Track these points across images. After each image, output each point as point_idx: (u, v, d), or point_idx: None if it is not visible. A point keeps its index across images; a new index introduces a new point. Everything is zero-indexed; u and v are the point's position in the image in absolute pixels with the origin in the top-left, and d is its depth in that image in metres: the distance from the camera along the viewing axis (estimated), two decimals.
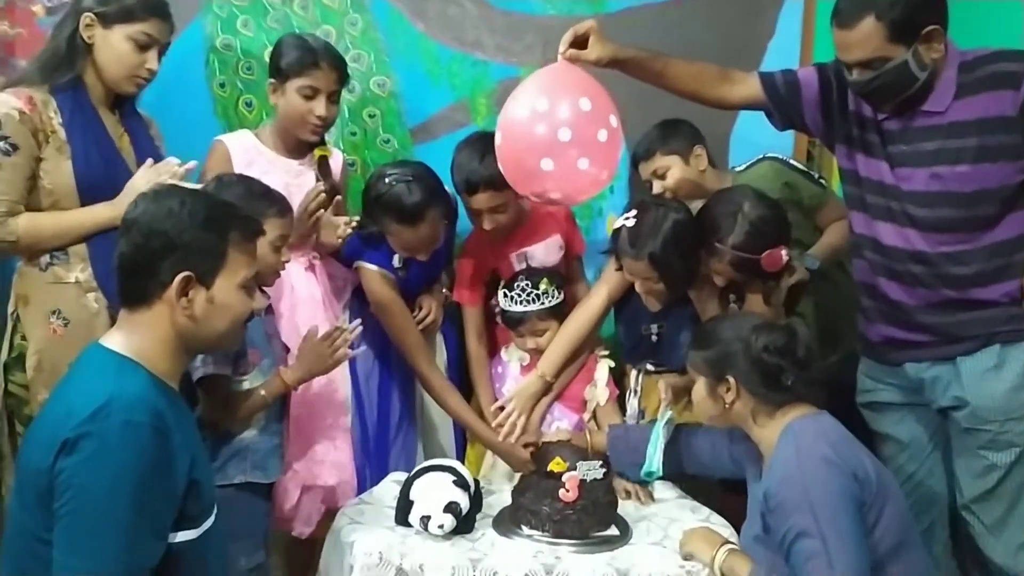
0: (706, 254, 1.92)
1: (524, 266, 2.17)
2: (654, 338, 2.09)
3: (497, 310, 2.15)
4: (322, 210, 2.02)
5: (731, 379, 1.60)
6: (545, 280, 2.08)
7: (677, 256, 1.89)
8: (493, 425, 2.07)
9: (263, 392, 1.74)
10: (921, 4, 1.63)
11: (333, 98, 2.05)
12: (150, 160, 1.80)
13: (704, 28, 2.52)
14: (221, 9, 2.38)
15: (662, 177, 2.15)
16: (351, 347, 1.86)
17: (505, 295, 2.09)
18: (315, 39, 2.08)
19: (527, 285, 2.06)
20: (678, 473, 1.89)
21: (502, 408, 2.08)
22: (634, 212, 1.93)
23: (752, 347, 1.59)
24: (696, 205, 2.02)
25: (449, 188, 2.14)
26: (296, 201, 2.02)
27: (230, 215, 1.36)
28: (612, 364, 2.16)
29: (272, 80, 2.05)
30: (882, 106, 1.74)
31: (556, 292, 2.09)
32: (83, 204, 1.75)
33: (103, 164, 1.77)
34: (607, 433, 1.95)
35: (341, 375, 2.09)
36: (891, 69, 1.64)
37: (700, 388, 1.66)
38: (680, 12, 2.53)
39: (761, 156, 2.27)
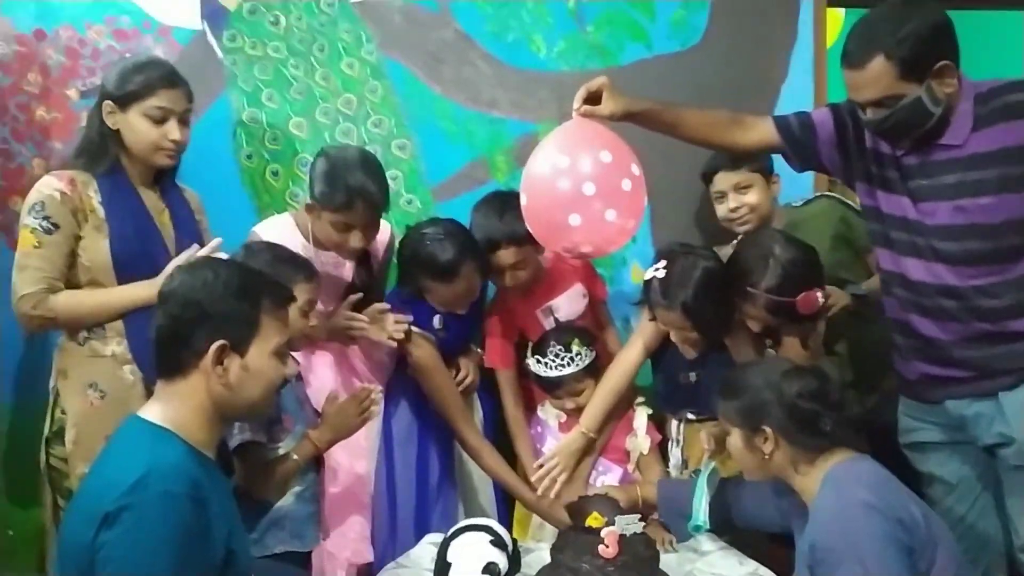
0: (740, 299, 1.90)
1: (551, 320, 2.17)
2: (691, 386, 2.07)
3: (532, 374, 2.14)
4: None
5: (767, 429, 1.57)
6: (576, 341, 2.08)
7: (709, 303, 1.88)
8: (533, 482, 2.06)
9: (295, 456, 1.75)
10: (930, 41, 1.63)
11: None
12: (195, 246, 1.84)
13: (717, 75, 2.55)
14: (246, 83, 2.46)
15: (743, 190, 2.14)
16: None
17: (538, 361, 2.09)
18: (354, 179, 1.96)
19: (560, 349, 2.06)
20: (726, 526, 1.85)
21: (542, 465, 2.07)
22: (663, 263, 1.93)
23: (785, 394, 1.56)
24: (724, 251, 2.02)
25: None
26: (327, 293, 2.02)
27: (262, 283, 1.39)
28: (650, 411, 2.15)
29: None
30: (899, 142, 1.74)
31: (588, 351, 2.09)
32: (119, 279, 1.79)
33: (139, 241, 1.82)
34: (657, 486, 1.93)
35: (369, 445, 2.09)
36: (905, 106, 1.64)
37: (736, 440, 1.63)
38: (692, 60, 2.57)
39: (819, 194, 2.27)
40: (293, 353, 1.81)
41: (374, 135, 2.49)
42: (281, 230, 2.07)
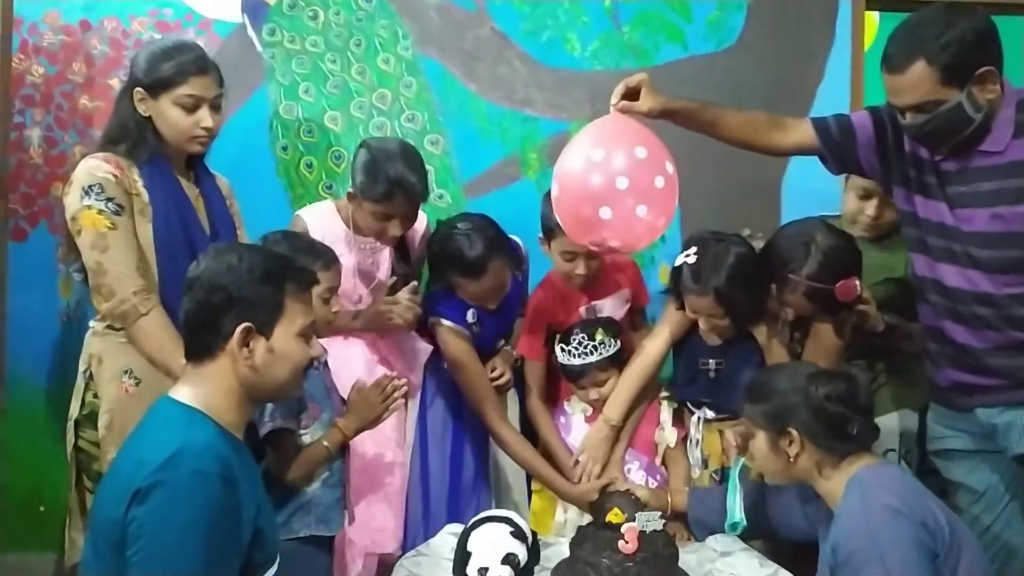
0: (778, 287, 1.90)
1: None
2: (712, 373, 2.06)
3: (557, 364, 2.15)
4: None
5: (794, 431, 1.56)
6: (601, 330, 2.08)
7: (742, 289, 1.89)
8: (573, 480, 2.06)
9: (325, 443, 1.77)
10: (972, 46, 1.61)
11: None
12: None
13: (752, 77, 2.54)
14: (283, 77, 2.50)
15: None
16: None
17: (563, 349, 2.09)
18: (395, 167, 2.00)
19: (584, 338, 2.06)
20: (760, 527, 1.84)
21: (577, 462, 2.08)
22: (694, 249, 1.93)
23: (812, 397, 1.55)
24: (755, 245, 2.01)
25: (515, 237, 2.18)
26: (367, 280, 2.07)
27: (286, 267, 1.41)
28: (675, 405, 2.14)
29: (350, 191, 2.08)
30: (938, 148, 1.72)
31: (613, 341, 2.09)
32: (160, 264, 1.79)
33: (181, 226, 1.83)
34: (688, 494, 1.92)
35: (398, 439, 2.11)
36: (945, 112, 1.63)
37: (761, 443, 1.62)
38: (727, 62, 2.56)
39: None
40: (320, 340, 1.84)
41: (407, 130, 2.52)
42: (324, 215, 2.12)
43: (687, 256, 1.93)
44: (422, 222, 2.23)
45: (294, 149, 2.50)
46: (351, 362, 2.08)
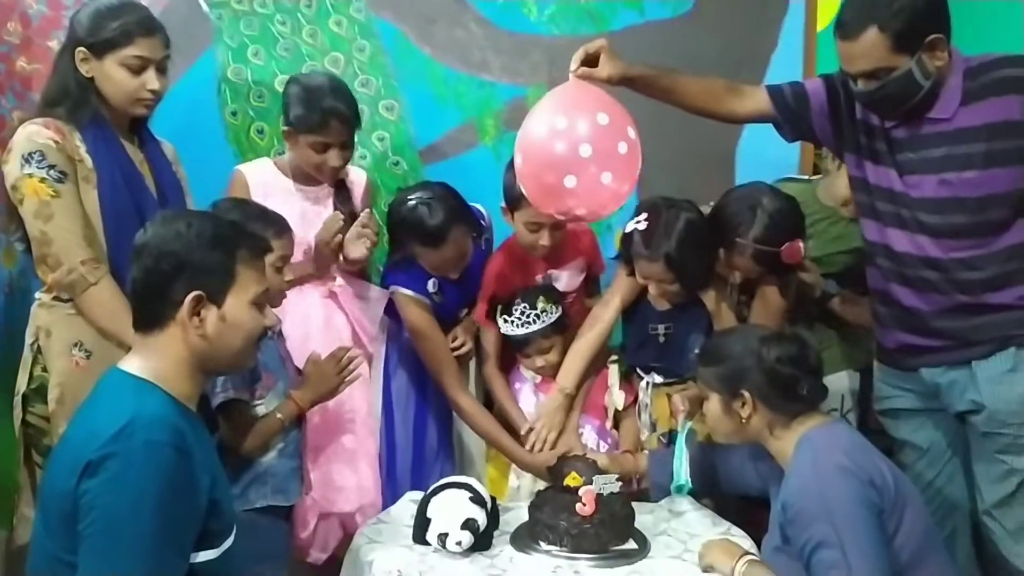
0: (726, 250, 1.94)
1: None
2: (661, 338, 2.10)
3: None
4: (340, 236, 2.04)
5: (746, 393, 1.60)
6: (542, 299, 2.09)
7: (692, 255, 1.92)
8: (527, 447, 2.08)
9: (279, 415, 1.76)
10: (923, 14, 1.63)
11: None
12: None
13: (708, 43, 2.55)
14: (232, 39, 2.43)
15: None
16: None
17: (505, 320, 2.10)
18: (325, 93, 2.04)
19: (525, 307, 2.07)
20: (708, 488, 1.88)
21: (531, 430, 2.09)
22: (645, 215, 1.94)
23: (764, 359, 1.59)
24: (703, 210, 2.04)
25: (477, 206, 2.17)
26: (315, 228, 2.05)
27: (237, 233, 1.38)
28: (625, 368, 2.17)
29: (284, 128, 2.08)
30: (889, 115, 1.75)
31: (554, 308, 2.10)
32: (107, 232, 1.75)
33: (128, 191, 1.78)
34: (647, 456, 1.96)
35: (366, 400, 2.11)
36: (896, 78, 1.65)
37: (714, 405, 1.66)
38: (683, 28, 2.56)
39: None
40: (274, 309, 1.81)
41: (361, 95, 2.47)
42: (264, 169, 2.12)
43: (637, 222, 1.95)
44: (362, 178, 2.23)
45: (244, 114, 2.44)
46: (309, 316, 2.06)
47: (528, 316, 2.07)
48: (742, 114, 1.94)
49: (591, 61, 1.79)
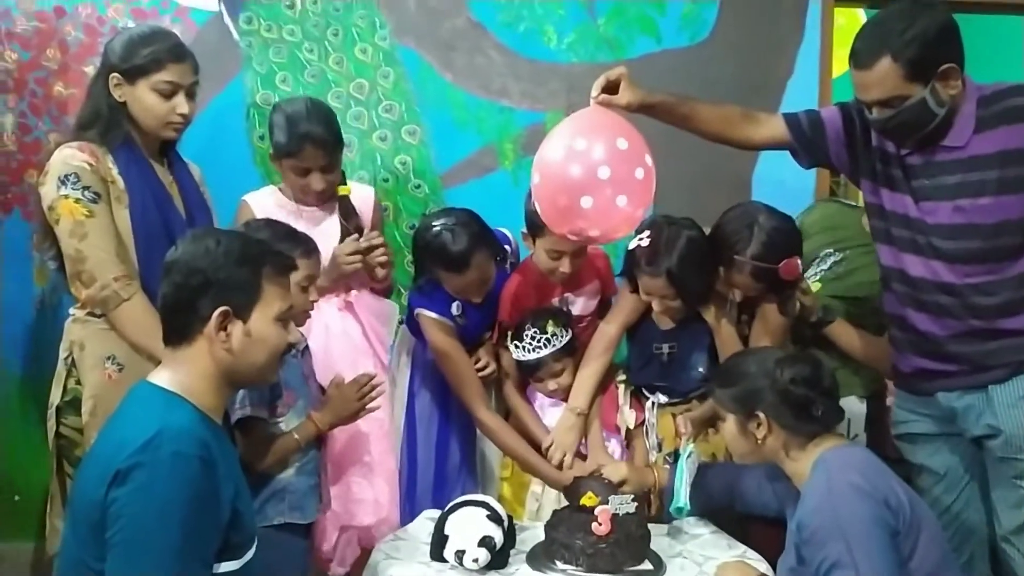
0: (725, 268, 1.96)
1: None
2: (665, 357, 2.11)
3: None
4: (359, 256, 2.08)
5: (761, 414, 1.61)
6: (551, 322, 2.10)
7: (693, 270, 1.94)
8: (553, 463, 2.08)
9: (296, 435, 1.78)
10: (936, 43, 1.65)
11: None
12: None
13: (724, 70, 2.59)
14: (260, 66, 2.50)
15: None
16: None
17: (516, 346, 2.12)
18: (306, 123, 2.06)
19: (535, 332, 2.09)
20: (706, 508, 1.89)
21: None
22: (648, 232, 1.98)
23: (779, 380, 1.60)
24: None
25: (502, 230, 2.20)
26: (320, 245, 2.08)
27: (264, 251, 1.42)
28: (632, 388, 2.19)
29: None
30: (903, 142, 1.76)
31: (564, 331, 2.11)
32: (138, 251, 1.80)
33: (158, 212, 1.84)
34: (668, 470, 1.96)
35: (387, 415, 2.14)
36: (910, 107, 1.67)
37: (730, 426, 1.67)
38: (700, 55, 2.60)
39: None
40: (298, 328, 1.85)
41: (385, 120, 2.54)
42: (268, 195, 2.17)
43: (640, 239, 1.98)
44: (368, 196, 2.26)
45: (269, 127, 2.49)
46: (327, 327, 2.09)
47: (539, 340, 2.09)
48: (758, 141, 1.97)
49: (611, 88, 1.83)
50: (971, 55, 1.72)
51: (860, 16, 3.10)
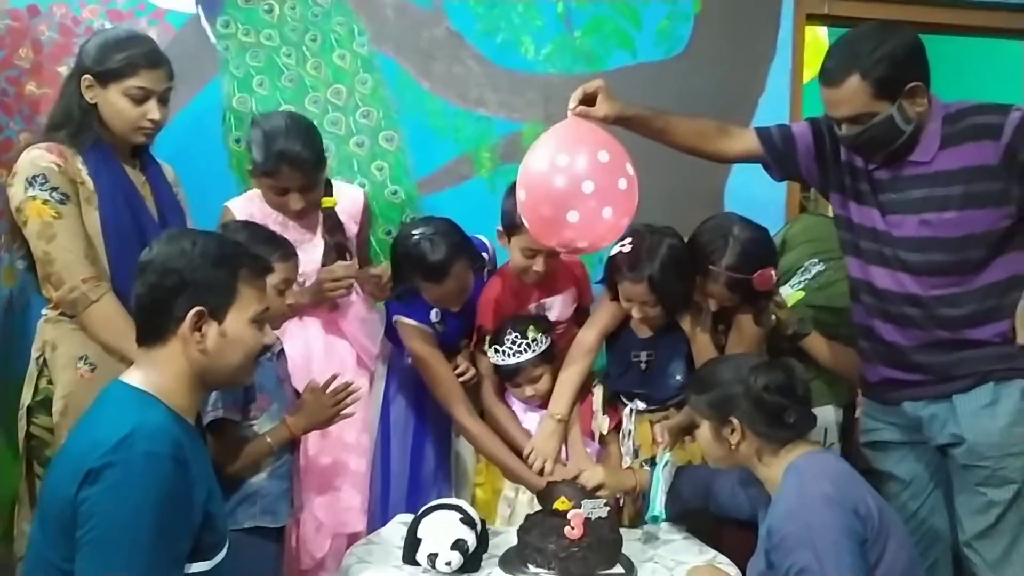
0: (701, 277, 1.99)
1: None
2: (643, 366, 2.13)
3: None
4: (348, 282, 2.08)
5: (735, 420, 1.63)
6: (532, 327, 2.11)
7: (674, 277, 1.97)
8: (533, 469, 2.08)
9: (269, 439, 1.77)
10: (903, 62, 1.70)
11: None
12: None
13: (698, 84, 2.63)
14: (238, 69, 2.50)
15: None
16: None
17: (496, 350, 2.12)
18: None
19: (516, 336, 2.10)
20: (682, 515, 1.91)
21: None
22: (629, 239, 2.00)
23: (752, 387, 1.62)
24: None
25: (482, 236, 2.21)
26: (306, 255, 2.06)
27: (240, 253, 1.42)
28: (608, 393, 2.20)
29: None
30: (871, 157, 1.81)
31: (544, 337, 2.13)
32: (109, 252, 1.79)
33: (129, 212, 1.82)
34: (648, 472, 1.97)
35: (363, 422, 2.13)
36: (878, 124, 1.71)
37: (705, 431, 1.69)
38: (675, 69, 2.65)
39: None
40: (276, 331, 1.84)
41: (362, 126, 2.54)
42: (251, 200, 2.13)
43: (623, 245, 2.01)
44: (358, 199, 2.24)
45: (247, 142, 2.48)
46: (308, 341, 2.09)
47: (519, 345, 2.10)
48: (731, 154, 2.00)
49: (589, 100, 1.85)
50: (972, 78, 1.76)
51: (821, 35, 3.18)
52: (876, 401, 1.94)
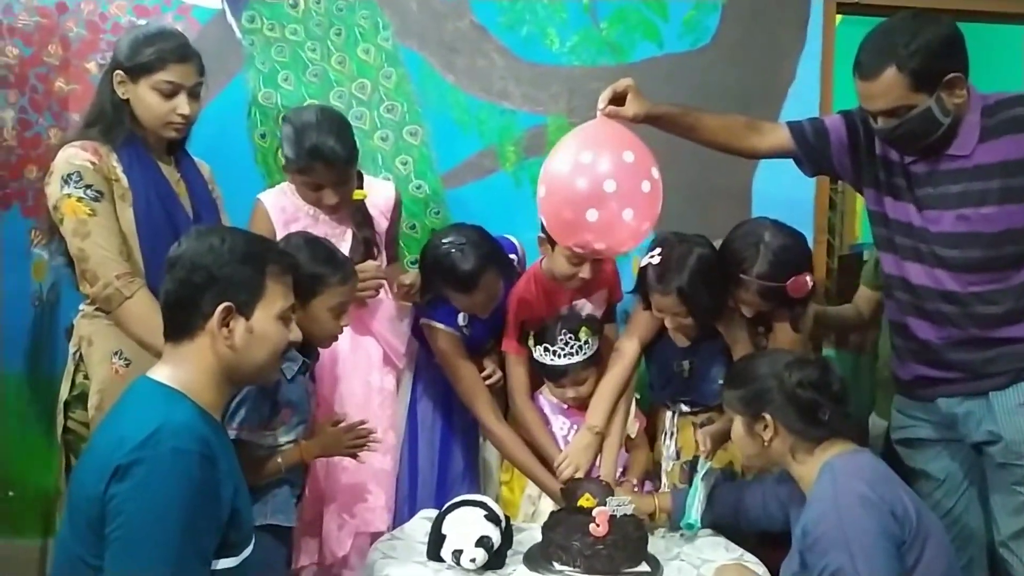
0: (733, 286, 1.95)
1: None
2: (685, 374, 2.11)
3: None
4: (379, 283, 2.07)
5: (768, 416, 1.60)
6: (585, 329, 2.07)
7: (704, 288, 1.94)
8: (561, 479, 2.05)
9: (280, 459, 1.76)
10: (941, 53, 1.65)
11: None
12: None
13: (726, 76, 2.59)
14: (263, 64, 2.50)
15: None
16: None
17: (547, 349, 2.08)
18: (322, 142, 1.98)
19: (570, 338, 2.05)
20: (716, 528, 1.88)
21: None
22: (658, 250, 1.97)
23: (786, 383, 1.59)
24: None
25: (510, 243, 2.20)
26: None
27: (268, 249, 1.42)
28: (637, 396, 2.18)
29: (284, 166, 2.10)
30: (908, 151, 1.77)
31: (594, 340, 2.09)
32: (143, 248, 1.80)
33: (162, 210, 1.84)
34: (671, 494, 1.95)
35: (390, 420, 2.12)
36: (915, 116, 1.67)
37: (738, 427, 1.67)
38: (701, 60, 2.60)
39: None
40: (320, 350, 1.85)
41: (386, 120, 2.54)
42: (283, 194, 2.12)
43: (651, 257, 1.98)
44: (390, 193, 2.22)
45: (272, 137, 2.49)
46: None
47: (572, 347, 2.06)
48: (762, 150, 1.97)
49: (618, 99, 1.83)
50: (971, 64, 1.72)
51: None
52: (909, 398, 1.90)
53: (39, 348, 2.30)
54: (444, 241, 2.04)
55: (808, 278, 1.93)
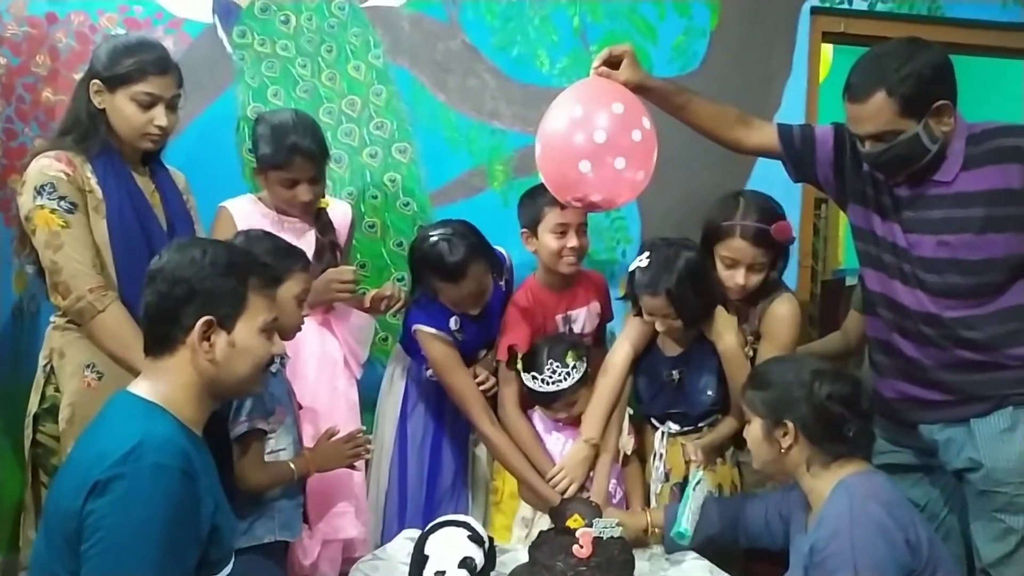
0: (721, 241, 2.01)
1: (567, 329, 2.18)
2: (675, 384, 2.11)
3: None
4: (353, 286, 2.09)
5: (790, 424, 1.58)
6: (571, 354, 2.07)
7: (692, 290, 1.96)
8: (556, 488, 2.04)
9: (293, 466, 1.77)
10: (931, 80, 1.67)
11: None
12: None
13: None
14: (253, 79, 2.50)
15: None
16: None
17: (534, 377, 2.07)
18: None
19: (557, 365, 2.05)
20: (708, 542, 1.87)
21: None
22: (647, 254, 2.00)
23: (815, 394, 1.57)
24: None
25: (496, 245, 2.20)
26: None
27: (250, 262, 1.41)
28: (630, 411, 2.17)
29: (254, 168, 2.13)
30: (894, 176, 1.78)
31: (582, 363, 2.08)
32: (116, 261, 1.79)
33: (136, 221, 1.82)
34: (664, 510, 1.95)
35: (351, 417, 2.10)
36: (903, 142, 1.69)
37: (756, 430, 1.64)
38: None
39: None
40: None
41: (376, 137, 2.54)
42: (248, 203, 2.13)
43: (640, 260, 2.01)
44: (346, 212, 2.26)
45: (252, 139, 2.47)
46: (304, 341, 2.05)
47: (559, 374, 2.05)
48: (748, 145, 1.98)
49: (613, 63, 1.84)
50: (972, 98, 1.75)
51: (828, 53, 3.15)
52: (890, 421, 1.90)
53: (17, 359, 2.26)
54: (432, 233, 2.07)
55: (789, 224, 2.01)
